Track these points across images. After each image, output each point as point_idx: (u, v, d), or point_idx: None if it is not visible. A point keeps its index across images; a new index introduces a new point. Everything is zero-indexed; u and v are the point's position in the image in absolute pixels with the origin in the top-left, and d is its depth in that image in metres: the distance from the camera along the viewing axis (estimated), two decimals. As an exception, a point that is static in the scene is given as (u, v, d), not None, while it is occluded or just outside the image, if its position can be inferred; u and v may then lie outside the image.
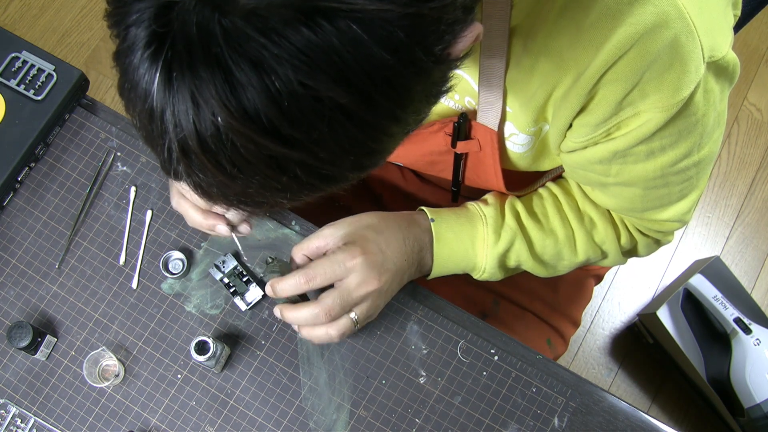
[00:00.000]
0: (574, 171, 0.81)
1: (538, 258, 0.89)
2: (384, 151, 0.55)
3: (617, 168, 0.75)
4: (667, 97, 0.65)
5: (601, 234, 0.88)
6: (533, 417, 0.89)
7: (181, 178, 0.52)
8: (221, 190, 0.52)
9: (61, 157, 0.98)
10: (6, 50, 0.98)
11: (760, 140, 1.96)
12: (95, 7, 2.08)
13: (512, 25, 0.68)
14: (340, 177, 0.53)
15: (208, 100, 0.46)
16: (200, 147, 0.48)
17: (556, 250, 0.89)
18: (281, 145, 0.47)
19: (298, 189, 0.52)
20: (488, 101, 0.75)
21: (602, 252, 0.90)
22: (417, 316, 0.92)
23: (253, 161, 0.48)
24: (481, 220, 0.87)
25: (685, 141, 0.71)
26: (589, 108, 0.69)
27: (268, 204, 0.54)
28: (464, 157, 0.86)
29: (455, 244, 0.87)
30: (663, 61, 0.63)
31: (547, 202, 0.89)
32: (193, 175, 0.51)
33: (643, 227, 0.88)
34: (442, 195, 1.11)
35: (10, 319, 0.93)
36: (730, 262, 1.85)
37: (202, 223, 0.84)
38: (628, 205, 0.82)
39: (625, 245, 0.90)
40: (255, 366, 0.91)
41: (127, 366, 0.91)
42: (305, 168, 0.50)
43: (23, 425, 0.89)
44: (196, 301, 0.93)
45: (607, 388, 1.75)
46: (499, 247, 0.87)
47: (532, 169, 0.86)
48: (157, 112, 0.48)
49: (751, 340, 1.52)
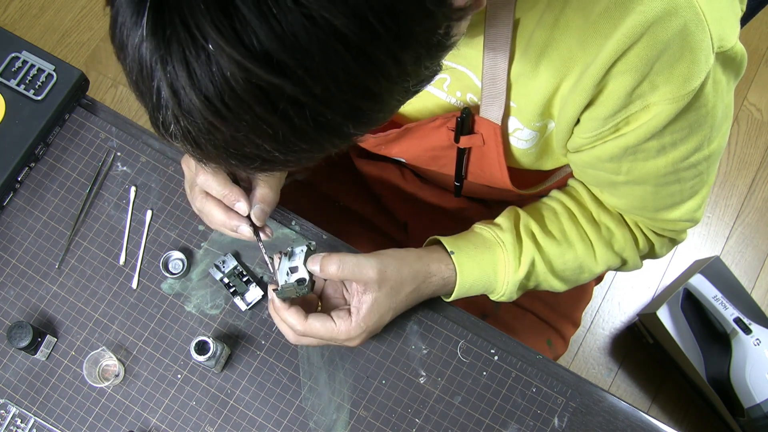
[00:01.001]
0: (584, 171, 0.81)
1: (558, 275, 0.88)
2: (382, 104, 0.52)
3: (628, 165, 0.74)
4: (677, 87, 0.64)
5: (620, 242, 0.88)
6: (533, 417, 0.89)
7: (170, 129, 0.51)
8: (211, 137, 0.50)
9: (61, 157, 0.98)
10: (6, 50, 0.98)
11: (760, 140, 1.96)
12: (95, 7, 2.08)
13: (517, 17, 0.68)
14: (335, 127, 0.51)
15: (200, 23, 0.44)
16: (189, 80, 0.46)
17: (576, 264, 0.88)
18: (272, 72, 0.46)
19: (291, 136, 0.50)
20: (492, 95, 0.74)
21: (622, 259, 0.90)
22: (417, 316, 0.92)
23: (243, 94, 0.46)
24: (500, 247, 0.86)
25: (696, 135, 0.70)
26: (598, 101, 0.68)
27: (261, 158, 0.52)
28: (467, 152, 0.86)
29: (477, 272, 0.86)
30: (673, 50, 0.63)
31: (562, 217, 0.88)
32: (182, 118, 0.49)
33: (657, 228, 0.88)
34: (442, 195, 1.11)
35: (10, 319, 0.93)
36: (730, 262, 1.85)
37: (225, 222, 0.82)
38: (640, 205, 0.82)
39: (642, 249, 0.89)
40: (255, 366, 0.91)
41: (127, 366, 0.91)
42: (297, 108, 0.48)
43: (23, 425, 0.89)
44: (196, 301, 0.93)
45: (607, 388, 1.75)
46: (520, 273, 0.86)
47: (534, 167, 0.85)
48: (146, 51, 0.47)
49: (751, 340, 1.51)
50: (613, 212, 0.88)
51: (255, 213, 0.81)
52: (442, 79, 0.78)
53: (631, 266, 0.92)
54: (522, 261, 0.86)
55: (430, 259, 0.85)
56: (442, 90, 0.79)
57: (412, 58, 0.50)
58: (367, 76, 0.48)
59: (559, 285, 0.90)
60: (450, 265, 0.86)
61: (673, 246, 0.93)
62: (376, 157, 1.13)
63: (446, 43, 0.53)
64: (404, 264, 0.83)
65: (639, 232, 0.89)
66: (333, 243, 0.95)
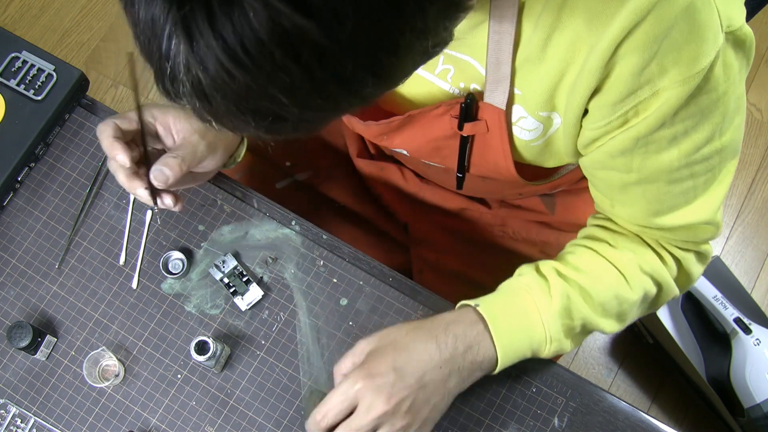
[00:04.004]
0: (595, 175, 0.79)
1: (599, 307, 0.82)
2: (402, 61, 0.51)
3: (640, 160, 0.72)
4: (686, 68, 0.63)
5: (647, 262, 0.83)
6: (533, 417, 0.89)
7: (177, 80, 0.48)
8: (224, 87, 0.47)
9: (61, 157, 0.98)
10: (6, 50, 0.98)
11: (760, 140, 1.96)
12: (95, 7, 2.08)
13: (522, 0, 0.67)
14: (355, 82, 0.49)
15: None
16: (207, 20, 0.44)
17: (611, 293, 0.83)
18: (299, 11, 0.44)
19: (309, 89, 0.48)
20: (496, 79, 0.73)
21: (655, 282, 0.84)
22: (417, 317, 0.92)
23: (265, 36, 0.44)
24: (526, 290, 0.83)
25: (708, 122, 0.68)
26: (606, 86, 0.66)
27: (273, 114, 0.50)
28: (470, 141, 0.83)
29: (511, 319, 0.82)
30: (680, 27, 0.61)
31: (580, 252, 0.85)
32: (194, 66, 0.46)
33: (679, 241, 0.83)
34: (443, 195, 1.11)
35: (10, 319, 0.93)
36: (730, 262, 1.85)
37: (125, 183, 0.81)
38: (655, 207, 0.78)
39: (671, 267, 0.84)
40: (255, 366, 0.91)
41: (127, 366, 0.91)
42: (320, 56, 0.46)
43: (23, 425, 0.89)
44: (196, 301, 0.93)
45: (607, 388, 1.75)
46: (555, 304, 0.81)
47: (536, 162, 0.83)
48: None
49: (751, 340, 1.51)
50: (631, 236, 0.85)
51: (153, 173, 0.80)
52: (446, 70, 0.78)
53: (667, 290, 0.86)
54: (552, 294, 0.81)
55: (449, 322, 0.82)
56: (446, 81, 0.79)
57: (437, 11, 0.50)
58: (394, 25, 0.48)
59: (607, 322, 0.84)
60: (477, 323, 0.82)
61: (702, 262, 0.87)
62: (376, 157, 1.14)
63: (464, 5, 0.53)
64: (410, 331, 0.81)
65: (662, 249, 0.84)
66: (333, 243, 0.95)
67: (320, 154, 1.17)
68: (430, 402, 0.80)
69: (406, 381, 0.78)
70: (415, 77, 0.80)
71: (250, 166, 1.15)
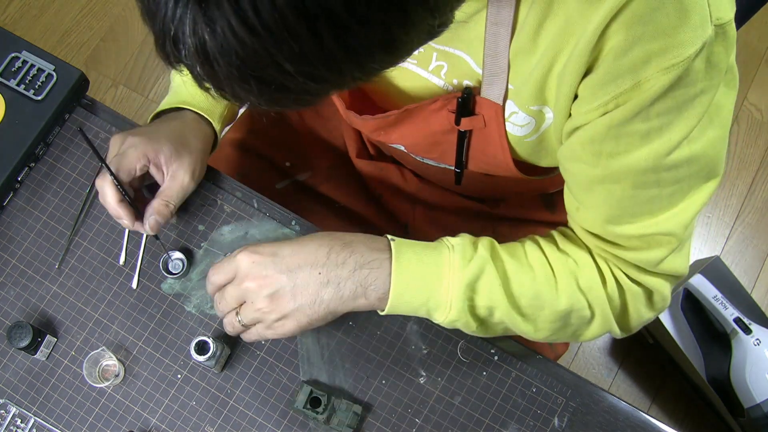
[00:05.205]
0: (567, 169, 0.77)
1: (513, 299, 0.79)
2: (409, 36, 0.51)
3: (609, 150, 0.69)
4: (671, 55, 0.62)
5: (586, 276, 0.79)
6: (533, 417, 0.89)
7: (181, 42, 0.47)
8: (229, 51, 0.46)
9: (61, 157, 0.98)
10: (6, 50, 0.98)
11: (760, 140, 1.96)
12: (95, 7, 2.08)
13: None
14: (363, 53, 0.49)
15: None
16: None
17: (534, 290, 0.79)
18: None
19: (317, 57, 0.47)
20: (493, 72, 0.73)
21: (587, 302, 0.80)
22: (417, 316, 0.92)
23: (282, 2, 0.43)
24: (448, 248, 0.80)
25: (681, 120, 0.67)
26: (596, 66, 0.65)
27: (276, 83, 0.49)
28: (468, 135, 0.83)
29: (419, 265, 0.79)
30: (668, 10, 0.61)
31: (526, 243, 0.83)
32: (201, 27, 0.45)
33: (631, 266, 0.79)
34: (442, 194, 1.11)
35: (10, 319, 0.93)
36: (730, 262, 1.85)
37: (110, 207, 0.87)
38: (615, 212, 0.75)
39: (611, 292, 0.79)
40: (255, 366, 0.91)
41: (127, 366, 0.91)
42: (332, 23, 0.45)
43: (23, 425, 0.89)
44: (196, 301, 0.93)
45: (607, 388, 1.75)
46: (467, 273, 0.77)
47: (531, 160, 0.83)
48: None
49: (751, 340, 1.52)
50: (583, 248, 0.82)
51: (149, 223, 0.87)
52: (440, 66, 0.78)
53: (601, 319, 0.80)
54: (471, 261, 0.78)
55: (363, 239, 0.82)
56: (440, 77, 0.79)
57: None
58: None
59: (515, 316, 0.79)
60: (385, 251, 0.80)
61: (651, 306, 0.81)
62: (376, 157, 1.14)
63: None
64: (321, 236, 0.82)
65: (608, 270, 0.80)
66: (333, 243, 0.95)
67: (320, 155, 1.17)
68: (296, 299, 0.79)
69: (277, 267, 0.79)
70: (410, 74, 0.80)
71: (250, 166, 1.15)
